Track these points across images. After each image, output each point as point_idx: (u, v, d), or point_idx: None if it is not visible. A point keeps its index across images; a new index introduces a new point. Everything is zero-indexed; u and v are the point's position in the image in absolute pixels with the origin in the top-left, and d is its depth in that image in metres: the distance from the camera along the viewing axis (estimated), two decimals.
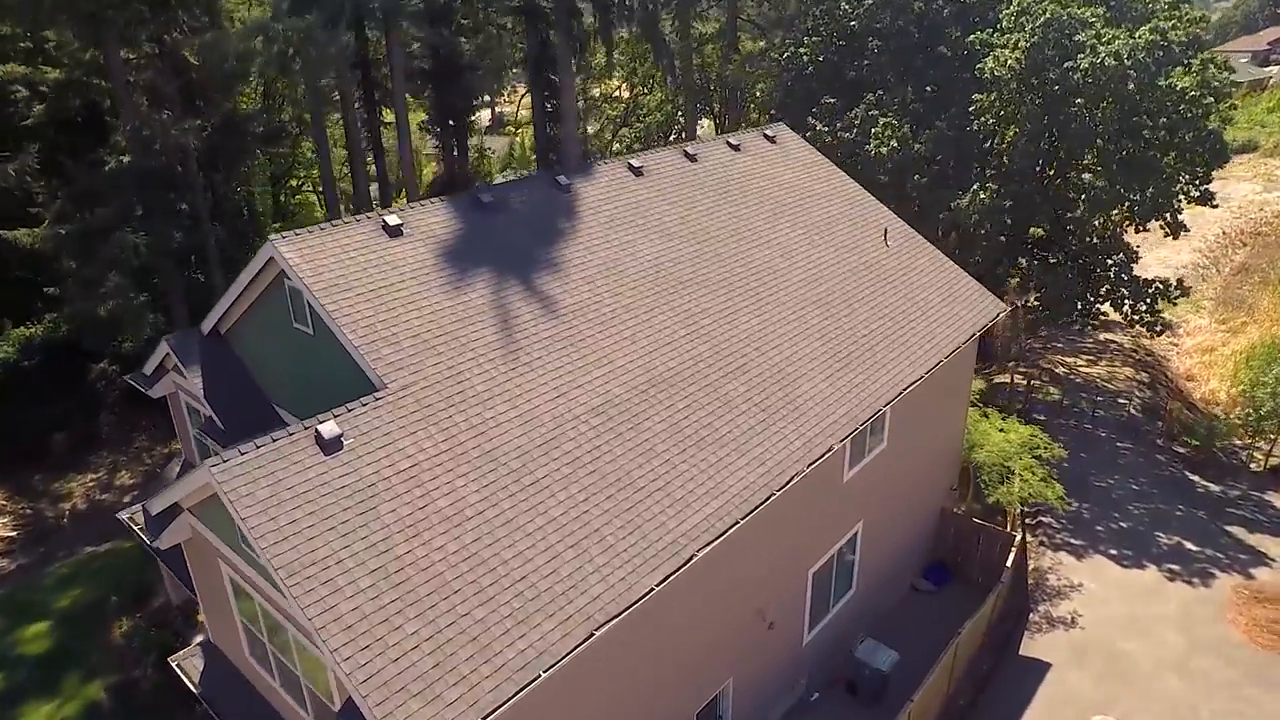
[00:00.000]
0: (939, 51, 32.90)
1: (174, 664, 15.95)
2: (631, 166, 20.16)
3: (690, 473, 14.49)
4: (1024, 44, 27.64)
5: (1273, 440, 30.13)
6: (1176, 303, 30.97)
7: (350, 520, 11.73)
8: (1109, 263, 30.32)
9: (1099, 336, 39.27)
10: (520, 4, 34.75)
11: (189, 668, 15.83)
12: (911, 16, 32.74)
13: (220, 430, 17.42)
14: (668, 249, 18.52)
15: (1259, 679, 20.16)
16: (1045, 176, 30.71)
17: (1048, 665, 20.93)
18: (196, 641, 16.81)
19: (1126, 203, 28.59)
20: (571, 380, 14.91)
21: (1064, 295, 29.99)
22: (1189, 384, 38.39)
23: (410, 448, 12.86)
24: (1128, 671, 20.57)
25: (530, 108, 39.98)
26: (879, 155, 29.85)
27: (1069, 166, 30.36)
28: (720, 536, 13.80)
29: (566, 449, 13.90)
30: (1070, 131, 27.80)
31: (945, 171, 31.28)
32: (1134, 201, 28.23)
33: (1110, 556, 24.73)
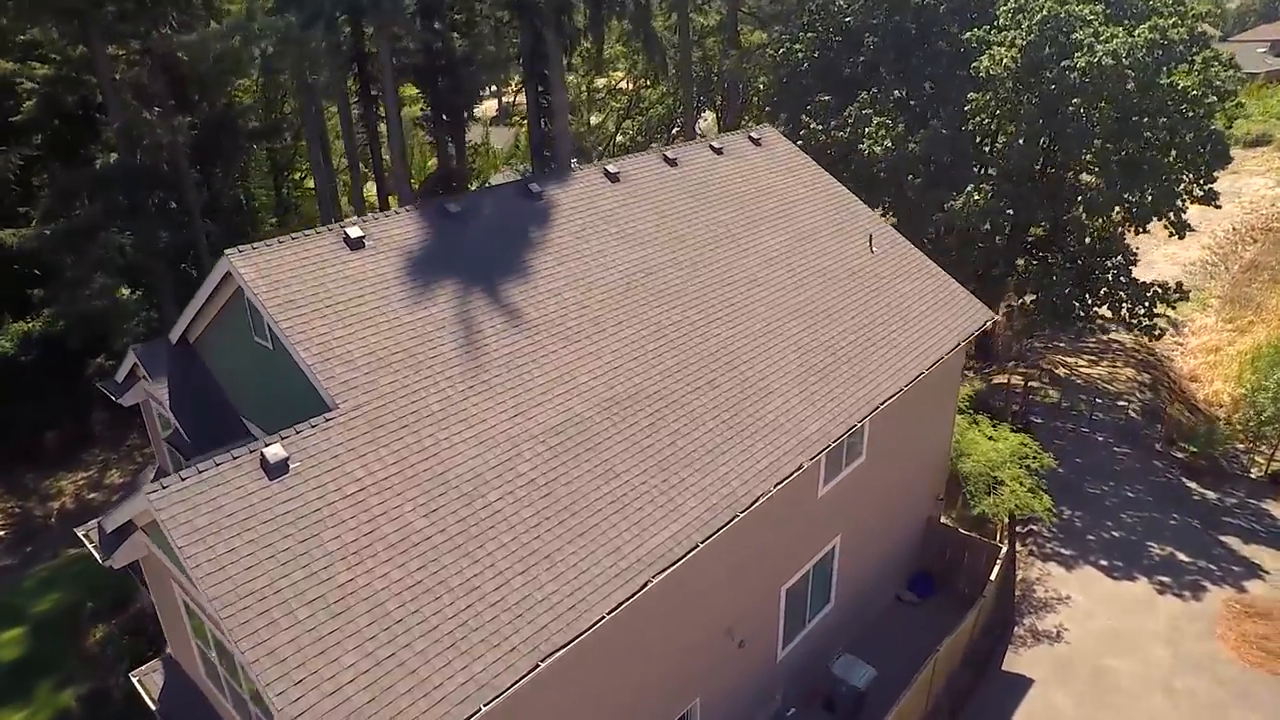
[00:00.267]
0: (937, 47, 32.29)
1: (134, 679, 15.83)
2: (608, 172, 19.75)
3: (650, 494, 14.16)
4: (1020, 42, 27.04)
5: (1275, 445, 29.53)
6: (1175, 306, 30.36)
7: (291, 548, 11.49)
8: (1108, 265, 29.75)
9: (1102, 336, 38.63)
10: None
11: (149, 683, 15.70)
12: (909, 11, 32.11)
13: (185, 442, 17.26)
14: (640, 258, 18.13)
15: (1245, 699, 19.69)
16: (1043, 177, 30.11)
17: (1030, 682, 20.55)
18: (159, 655, 16.69)
19: (1125, 204, 28.01)
20: (531, 398, 14.59)
21: (1058, 301, 29.42)
22: (1193, 385, 37.70)
23: (358, 471, 12.60)
24: (1111, 690, 20.16)
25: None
26: (872, 155, 29.33)
27: (1066, 167, 29.75)
28: (677, 562, 13.47)
29: (522, 471, 13.60)
30: (1067, 132, 27.19)
31: (941, 171, 30.70)
32: (1132, 203, 27.65)
33: (1100, 567, 24.29)
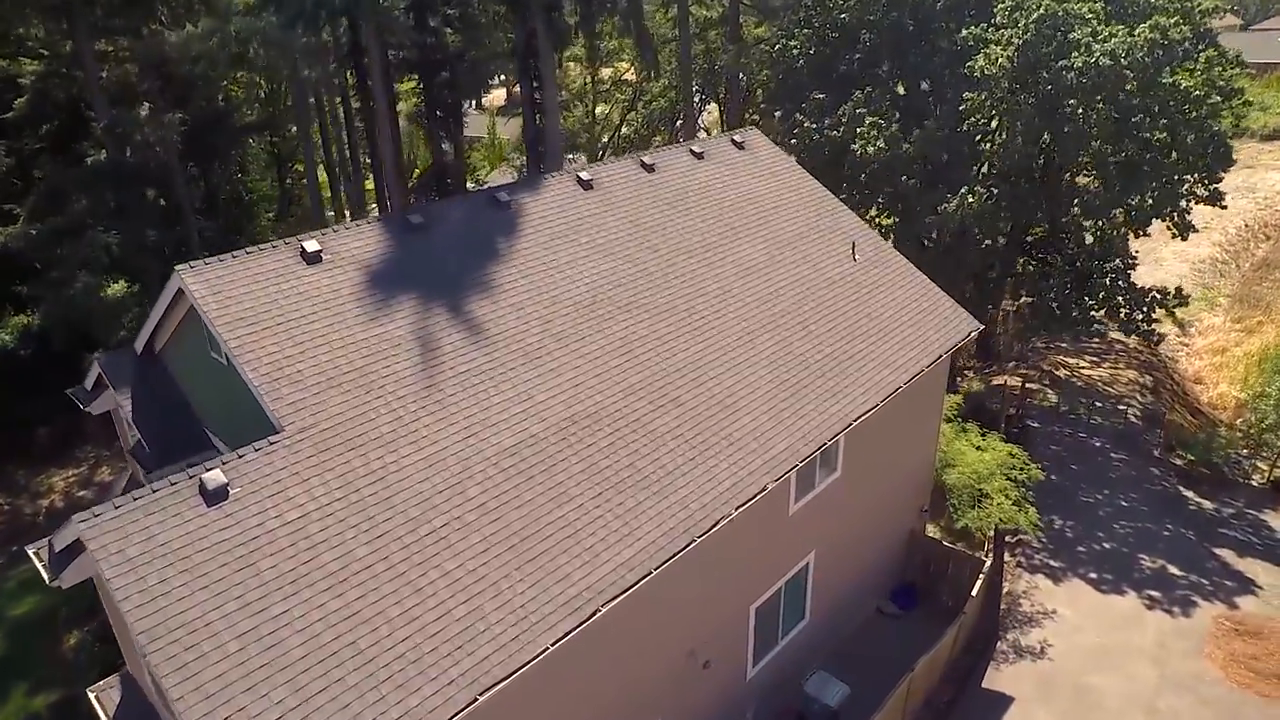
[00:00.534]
0: (935, 45, 31.63)
1: (91, 695, 15.70)
2: (581, 180, 19.36)
3: (605, 519, 13.86)
4: (1016, 41, 26.38)
5: (1276, 454, 28.90)
6: (1175, 311, 29.70)
7: (226, 578, 11.28)
8: (1106, 268, 29.11)
9: (1105, 336, 37.94)
10: None
11: (106, 699, 15.57)
12: (906, 7, 31.45)
13: (146, 454, 17.11)
14: (609, 270, 17.76)
15: None
16: (1041, 178, 29.47)
17: (1010, 699, 20.17)
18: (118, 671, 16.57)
19: (1124, 206, 27.36)
20: (486, 419, 14.31)
21: (1055, 305, 28.82)
22: (1197, 387, 37.00)
23: (301, 497, 12.37)
24: (1093, 709, 19.75)
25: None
26: (865, 155, 28.78)
27: (1064, 169, 29.10)
28: (628, 590, 13.17)
29: (471, 495, 13.33)
30: (1065, 133, 26.54)
31: (938, 171, 30.10)
32: (1131, 206, 27.00)
33: (1089, 580, 23.81)
